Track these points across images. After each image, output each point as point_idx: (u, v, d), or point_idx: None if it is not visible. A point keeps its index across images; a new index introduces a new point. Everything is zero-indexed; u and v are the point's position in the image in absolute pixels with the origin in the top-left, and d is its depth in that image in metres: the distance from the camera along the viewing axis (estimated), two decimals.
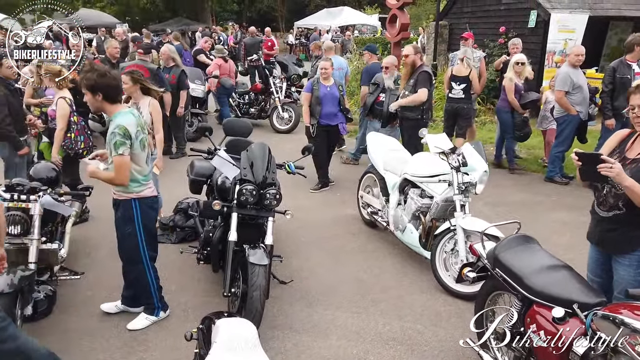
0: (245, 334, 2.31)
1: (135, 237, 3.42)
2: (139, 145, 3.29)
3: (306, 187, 6.71)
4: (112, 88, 3.19)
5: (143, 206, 3.40)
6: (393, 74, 6.29)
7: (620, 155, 2.74)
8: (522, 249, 2.83)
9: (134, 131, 3.22)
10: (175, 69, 7.63)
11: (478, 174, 4.09)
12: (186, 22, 26.52)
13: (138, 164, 3.33)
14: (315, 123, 6.37)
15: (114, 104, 3.25)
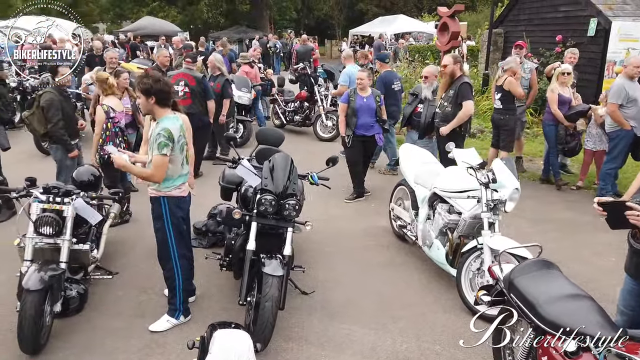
0: (239, 348, 2.35)
1: (164, 233, 3.65)
2: (178, 149, 3.56)
3: (341, 196, 6.69)
4: (164, 93, 3.48)
5: (171, 205, 3.62)
6: (432, 84, 6.15)
7: None
8: (540, 275, 2.67)
9: (177, 135, 3.49)
10: (220, 78, 7.84)
11: (508, 191, 3.91)
12: (244, 30, 27.25)
13: (174, 164, 3.59)
14: (350, 134, 6.34)
15: (163, 108, 3.54)
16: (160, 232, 3.67)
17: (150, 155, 3.53)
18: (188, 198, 3.82)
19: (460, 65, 5.68)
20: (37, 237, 3.68)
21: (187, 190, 3.79)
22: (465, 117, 5.61)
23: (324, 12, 39.31)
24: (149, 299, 4.24)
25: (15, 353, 3.45)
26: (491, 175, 3.93)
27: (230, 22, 31.15)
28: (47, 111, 5.33)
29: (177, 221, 3.69)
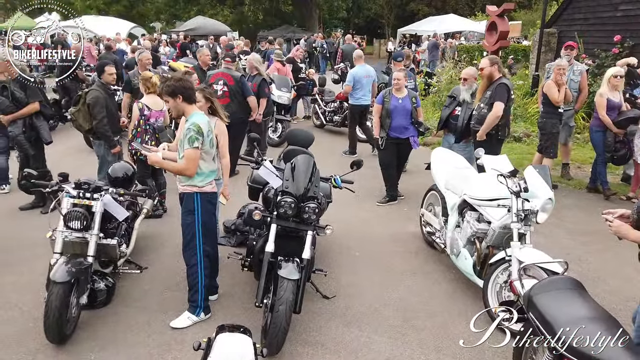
0: (238, 353, 2.32)
1: (192, 228, 3.72)
2: (208, 143, 3.65)
3: (374, 199, 6.59)
4: (189, 89, 3.60)
5: (203, 201, 3.71)
6: (472, 86, 5.92)
7: None
8: (562, 294, 2.50)
9: (206, 130, 3.60)
10: (257, 77, 7.90)
11: (540, 202, 3.70)
12: (292, 30, 27.45)
13: (206, 159, 3.69)
14: (384, 136, 6.23)
15: (190, 105, 3.65)
16: (190, 227, 3.75)
17: (180, 151, 3.62)
18: (217, 195, 3.89)
19: (499, 67, 5.43)
20: (66, 231, 3.81)
21: (215, 188, 3.87)
22: (493, 119, 5.38)
23: (373, 11, 39.00)
24: (173, 296, 4.31)
25: (43, 341, 3.59)
26: (523, 184, 3.73)
27: (280, 21, 31.47)
28: (93, 108, 5.55)
29: (208, 217, 3.79)
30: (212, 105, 4.37)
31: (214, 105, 4.38)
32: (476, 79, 5.94)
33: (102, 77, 5.70)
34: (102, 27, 21.46)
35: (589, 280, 4.55)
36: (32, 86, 5.78)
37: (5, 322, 3.92)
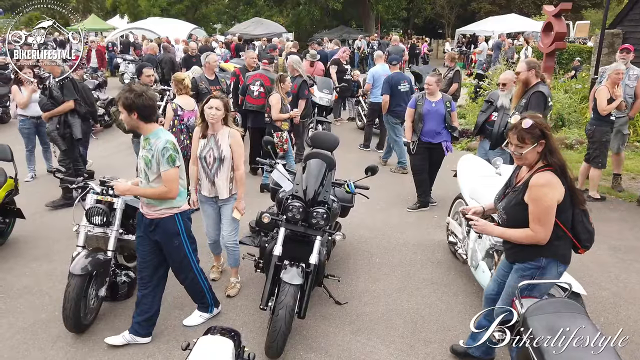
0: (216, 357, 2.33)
1: (182, 248, 3.58)
2: (182, 160, 3.44)
3: (406, 204, 6.46)
4: (147, 108, 3.28)
5: (184, 219, 3.55)
6: (511, 91, 5.66)
7: (508, 184, 2.95)
8: (558, 317, 2.33)
9: (178, 146, 3.40)
10: (298, 79, 7.95)
11: None
12: (348, 31, 27.41)
13: (181, 177, 3.46)
14: (415, 140, 6.09)
15: (148, 123, 3.35)
16: (178, 249, 3.58)
17: (152, 174, 3.36)
18: None
19: (536, 72, 5.13)
20: (89, 226, 4.00)
21: None
22: None
23: (434, 11, 38.21)
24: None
25: (64, 329, 3.79)
26: None
27: (337, 22, 31.51)
28: None
29: (190, 232, 3.65)
30: (226, 115, 4.05)
31: (228, 114, 4.08)
32: (515, 84, 5.66)
33: (140, 79, 5.94)
34: (163, 28, 22.37)
35: (621, 301, 4.25)
36: (68, 85, 6.08)
37: (36, 308, 4.18)
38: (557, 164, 2.67)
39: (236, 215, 4.12)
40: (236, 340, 2.72)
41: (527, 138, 2.67)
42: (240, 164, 4.07)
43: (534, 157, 2.72)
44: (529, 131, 2.67)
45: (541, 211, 2.64)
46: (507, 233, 2.74)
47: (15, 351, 3.65)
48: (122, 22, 30.74)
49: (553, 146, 2.69)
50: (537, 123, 2.69)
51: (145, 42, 16.98)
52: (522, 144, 2.69)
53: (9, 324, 3.97)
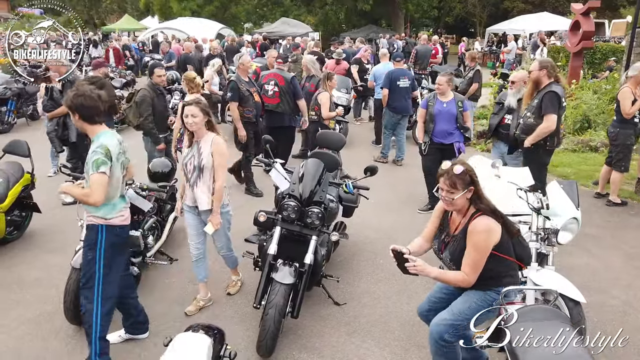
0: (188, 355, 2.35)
1: (93, 265, 3.17)
2: (119, 167, 3.20)
3: (416, 205, 6.37)
4: (87, 108, 3.09)
5: (109, 235, 3.18)
6: (519, 90, 5.51)
7: (445, 231, 2.88)
8: (540, 325, 2.25)
9: (115, 152, 3.14)
10: (314, 78, 7.98)
11: (562, 220, 3.37)
12: (375, 30, 27.22)
13: (114, 186, 3.19)
14: (427, 141, 6.00)
15: (92, 125, 3.16)
16: (89, 265, 3.20)
17: (87, 176, 3.10)
18: (128, 228, 3.35)
19: (548, 72, 4.96)
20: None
21: (127, 219, 3.33)
22: (545, 132, 4.93)
23: (465, 9, 37.59)
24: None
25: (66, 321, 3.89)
26: (545, 200, 3.41)
27: (365, 21, 31.34)
28: (139, 106, 5.93)
29: (112, 254, 3.22)
30: (209, 119, 3.82)
31: (211, 118, 3.85)
32: (525, 83, 5.50)
33: (152, 78, 6.05)
34: (192, 27, 22.74)
35: (630, 310, 4.09)
36: (68, 87, 6.17)
37: (45, 299, 4.31)
38: (486, 208, 2.73)
39: (208, 230, 3.81)
40: (217, 337, 2.74)
41: (458, 184, 2.68)
42: (220, 174, 3.75)
43: (463, 203, 2.74)
44: (460, 177, 2.68)
45: (480, 257, 2.67)
46: (443, 276, 2.76)
47: (20, 341, 3.77)
48: (155, 22, 31.42)
49: (481, 192, 2.76)
50: (467, 170, 2.72)
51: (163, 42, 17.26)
52: (453, 189, 2.69)
53: (17, 314, 4.11)
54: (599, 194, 6.60)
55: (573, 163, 8.05)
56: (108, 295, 3.24)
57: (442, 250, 2.89)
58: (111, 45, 17.12)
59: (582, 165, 7.90)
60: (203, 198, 3.80)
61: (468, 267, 2.67)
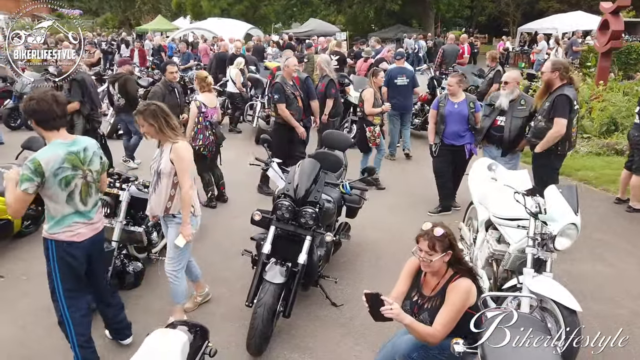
0: (167, 348, 2.37)
1: (52, 281, 3.11)
2: (56, 184, 2.91)
3: (427, 207, 6.28)
4: (40, 112, 2.90)
5: (59, 250, 3.03)
6: (512, 91, 5.31)
7: (417, 291, 2.83)
8: (516, 333, 2.18)
9: (51, 167, 2.86)
10: (325, 78, 7.95)
11: (559, 226, 3.25)
12: (404, 30, 26.98)
13: (55, 201, 2.96)
14: (438, 142, 5.90)
15: (47, 131, 2.96)
16: (50, 277, 3.12)
17: None
18: (87, 243, 3.10)
19: (561, 74, 4.78)
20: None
21: (85, 234, 3.08)
22: (555, 137, 4.77)
23: (498, 9, 36.81)
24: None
25: None
26: (543, 204, 3.31)
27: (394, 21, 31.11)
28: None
29: (67, 270, 3.08)
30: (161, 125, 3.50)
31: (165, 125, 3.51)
32: (518, 84, 5.34)
33: (165, 75, 6.16)
34: (221, 28, 23.03)
35: (638, 320, 3.91)
36: (75, 86, 6.38)
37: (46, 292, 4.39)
38: (464, 270, 2.73)
39: (179, 242, 3.53)
40: (198, 334, 2.76)
41: (437, 246, 2.66)
42: (184, 180, 3.47)
43: (440, 265, 2.71)
44: (440, 239, 2.66)
45: (455, 316, 2.63)
46: (414, 325, 2.65)
47: (24, 331, 3.89)
48: (187, 23, 31.98)
49: (459, 256, 2.74)
50: (447, 233, 2.69)
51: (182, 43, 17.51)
52: (432, 251, 2.66)
53: (27, 304, 4.24)
54: (619, 199, 6.36)
55: (596, 167, 7.78)
56: (74, 308, 3.14)
57: (416, 311, 2.84)
58: (137, 46, 17.45)
59: (605, 170, 7.62)
60: (156, 203, 3.59)
61: (441, 325, 2.62)
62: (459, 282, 2.70)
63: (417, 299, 2.89)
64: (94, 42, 19.49)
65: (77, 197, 3.02)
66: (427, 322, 2.77)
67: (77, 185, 3.00)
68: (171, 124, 3.51)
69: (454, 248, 2.73)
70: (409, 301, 2.94)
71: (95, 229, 3.17)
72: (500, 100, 5.34)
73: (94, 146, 3.15)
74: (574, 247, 5.20)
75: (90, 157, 3.07)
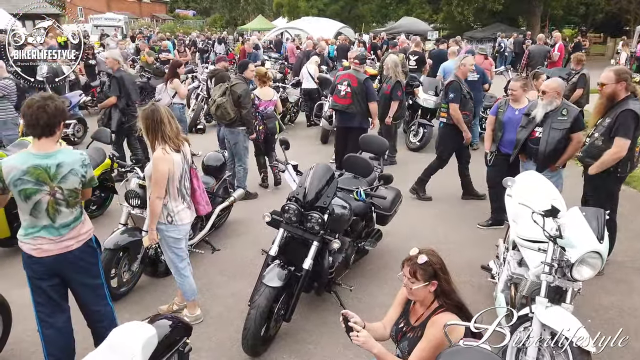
0: (130, 341, 2.44)
1: None
2: (16, 194, 2.85)
3: (476, 218, 5.89)
4: (25, 117, 2.86)
5: (24, 258, 2.98)
6: (551, 102, 4.68)
7: (405, 318, 2.68)
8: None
9: (12, 177, 2.79)
10: (391, 80, 7.78)
11: (578, 253, 2.86)
12: (503, 28, 25.45)
13: (21, 210, 2.92)
14: (494, 150, 5.50)
15: (35, 139, 2.88)
16: None
17: None
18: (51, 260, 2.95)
19: (627, 85, 4.14)
20: (129, 206, 4.47)
21: (49, 251, 2.93)
22: (614, 159, 4.15)
23: (617, 5, 33.39)
24: (221, 281, 4.65)
25: None
26: (564, 228, 2.94)
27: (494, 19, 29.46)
28: (243, 98, 6.23)
29: (35, 281, 3.00)
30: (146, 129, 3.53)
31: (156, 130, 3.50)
32: (559, 94, 4.70)
33: (245, 73, 6.40)
34: (313, 27, 23.41)
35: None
36: (114, 83, 6.93)
37: None
38: (451, 305, 2.50)
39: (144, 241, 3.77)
40: (176, 330, 2.82)
41: (418, 274, 2.47)
42: (153, 189, 3.51)
43: (424, 295, 2.52)
44: (422, 267, 2.47)
45: (429, 354, 2.39)
46: (382, 356, 2.47)
47: None
48: (284, 22, 32.96)
49: (446, 288, 2.51)
50: (432, 262, 2.48)
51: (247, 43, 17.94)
52: (413, 278, 2.48)
53: None
54: None
55: None
56: (46, 324, 3.05)
57: (399, 338, 2.67)
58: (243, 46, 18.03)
59: None
60: None
61: (415, 358, 2.43)
62: (441, 317, 2.48)
63: (402, 325, 2.73)
64: (190, 41, 20.75)
65: (44, 213, 2.87)
66: (405, 352, 2.61)
67: (42, 201, 2.85)
68: (163, 130, 3.47)
69: (439, 279, 2.51)
70: (395, 327, 2.78)
71: (64, 247, 2.96)
72: (536, 111, 4.76)
73: (74, 163, 2.92)
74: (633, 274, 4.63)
75: (64, 174, 2.88)
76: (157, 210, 3.54)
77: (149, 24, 43.44)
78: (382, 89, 7.94)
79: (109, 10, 38.49)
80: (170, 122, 3.53)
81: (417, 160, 8.60)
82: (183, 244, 3.83)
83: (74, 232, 3.00)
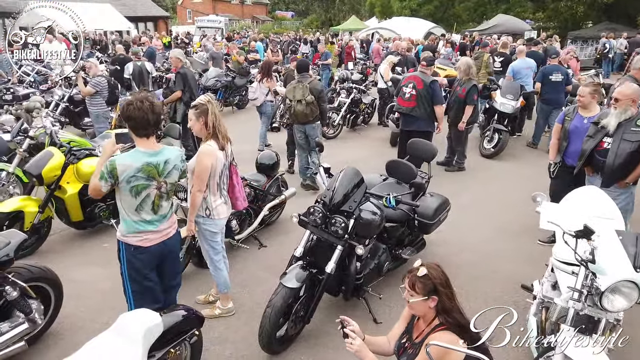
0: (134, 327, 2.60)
1: (123, 282, 3.25)
2: (128, 191, 3.03)
3: (538, 233, 5.45)
4: (133, 120, 2.99)
5: (127, 252, 3.16)
6: (624, 110, 4.17)
7: (408, 334, 2.63)
8: None
9: (125, 174, 2.98)
10: (468, 83, 7.46)
11: (609, 281, 2.55)
12: (612, 28, 23.18)
13: (127, 207, 3.10)
14: (558, 162, 5.07)
15: (138, 138, 3.06)
16: (122, 278, 3.25)
17: None
18: (155, 248, 3.17)
19: None
20: (177, 200, 4.71)
21: (153, 240, 3.16)
22: None
23: None
24: (262, 277, 4.72)
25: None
26: (597, 252, 2.64)
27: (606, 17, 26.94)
28: (323, 94, 6.69)
29: (136, 274, 3.18)
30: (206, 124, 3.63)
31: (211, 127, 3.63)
32: (635, 102, 4.12)
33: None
34: (403, 27, 23.08)
35: None
36: (178, 78, 7.42)
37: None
38: (452, 324, 2.37)
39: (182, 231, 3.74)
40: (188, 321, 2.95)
41: (417, 287, 2.40)
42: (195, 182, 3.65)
43: (424, 310, 2.44)
44: (421, 281, 2.39)
45: None
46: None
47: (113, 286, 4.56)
48: (376, 23, 32.80)
49: (447, 305, 2.39)
50: (432, 276, 2.38)
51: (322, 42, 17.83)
52: (412, 291, 2.41)
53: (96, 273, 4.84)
54: None
55: None
56: None
57: (400, 354, 2.60)
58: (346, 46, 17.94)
59: None
60: None
61: None
62: (439, 335, 2.36)
63: (405, 341, 2.66)
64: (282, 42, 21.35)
65: (149, 206, 3.10)
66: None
67: (150, 195, 3.08)
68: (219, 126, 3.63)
69: (440, 294, 2.39)
70: (398, 342, 2.71)
71: (165, 235, 3.24)
72: (608, 120, 4.29)
73: (177, 159, 3.19)
74: None
75: (170, 170, 3.14)
76: (198, 203, 3.69)
77: (249, 25, 45.42)
78: (456, 92, 7.63)
79: (214, 13, 40.76)
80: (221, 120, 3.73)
81: (488, 167, 8.19)
82: (219, 237, 3.98)
83: (171, 220, 3.33)
